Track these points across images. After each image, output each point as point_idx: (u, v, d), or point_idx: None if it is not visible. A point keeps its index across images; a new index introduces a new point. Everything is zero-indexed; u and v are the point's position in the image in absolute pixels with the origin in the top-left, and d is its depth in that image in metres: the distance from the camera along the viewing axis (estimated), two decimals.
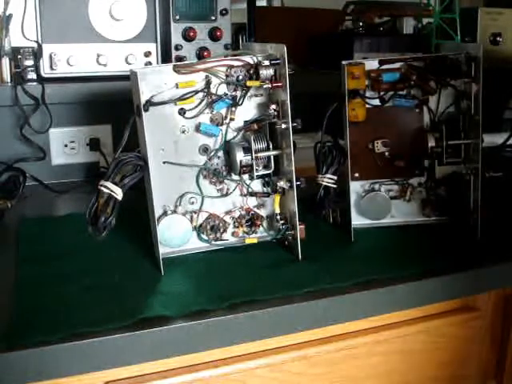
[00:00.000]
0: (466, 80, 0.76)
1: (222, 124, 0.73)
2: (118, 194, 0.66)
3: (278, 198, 0.74)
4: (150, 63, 1.08)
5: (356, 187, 0.82)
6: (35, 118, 1.03)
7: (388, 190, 0.82)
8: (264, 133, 0.73)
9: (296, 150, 0.71)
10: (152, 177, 0.67)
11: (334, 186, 0.82)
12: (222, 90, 0.72)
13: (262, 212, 0.77)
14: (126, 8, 1.04)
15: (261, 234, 0.77)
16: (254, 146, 0.71)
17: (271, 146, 0.72)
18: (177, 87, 0.69)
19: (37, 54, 1.01)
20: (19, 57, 1.02)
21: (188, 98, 0.70)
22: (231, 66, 0.71)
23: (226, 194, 0.75)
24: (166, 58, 1.09)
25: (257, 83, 0.70)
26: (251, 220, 0.76)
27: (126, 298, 0.63)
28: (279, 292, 0.64)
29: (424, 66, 0.77)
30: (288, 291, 0.64)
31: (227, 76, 0.71)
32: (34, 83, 1.02)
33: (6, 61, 1.04)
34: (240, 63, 0.71)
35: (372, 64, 0.78)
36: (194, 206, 0.74)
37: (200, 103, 0.71)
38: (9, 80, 1.04)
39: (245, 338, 0.62)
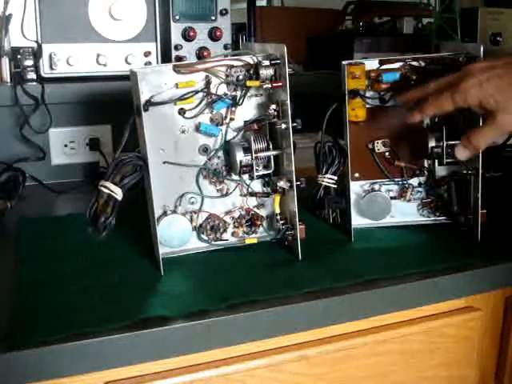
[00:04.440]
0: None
1: (221, 124, 0.73)
2: (118, 194, 0.66)
3: (277, 198, 0.74)
4: (149, 63, 1.08)
5: (356, 187, 0.82)
6: (35, 118, 1.03)
7: (388, 190, 0.82)
8: (264, 133, 0.73)
9: (296, 149, 0.71)
10: (152, 177, 0.67)
11: (334, 186, 0.82)
12: (222, 90, 0.72)
13: (262, 212, 0.77)
14: (125, 8, 1.04)
15: (261, 234, 0.77)
16: (253, 146, 0.71)
17: (271, 146, 0.72)
18: (177, 87, 0.69)
19: (36, 54, 1.01)
20: (19, 57, 1.02)
21: (188, 98, 0.70)
22: (231, 66, 0.71)
23: (226, 194, 0.75)
24: (165, 57, 1.09)
25: (257, 83, 0.70)
26: (251, 220, 0.76)
27: (126, 297, 0.63)
28: (279, 292, 0.64)
29: (424, 65, 0.77)
30: (288, 291, 0.64)
31: (227, 76, 0.71)
32: (34, 83, 1.02)
33: (5, 61, 1.04)
34: (240, 63, 0.71)
35: (372, 64, 0.78)
36: (194, 205, 0.74)
37: (200, 103, 0.71)
38: (9, 80, 1.04)
39: (245, 338, 0.62)
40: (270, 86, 0.70)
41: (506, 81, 0.65)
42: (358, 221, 0.82)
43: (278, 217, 0.74)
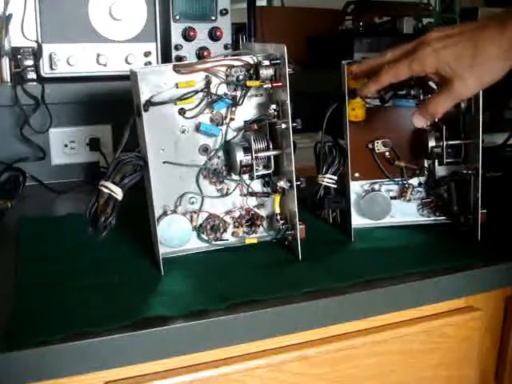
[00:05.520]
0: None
1: (222, 124, 0.73)
2: (118, 193, 0.66)
3: (278, 198, 0.74)
4: (149, 63, 1.08)
5: (356, 187, 0.82)
6: (35, 118, 1.03)
7: (388, 190, 0.82)
8: (264, 133, 0.73)
9: (296, 149, 0.71)
10: (152, 177, 0.67)
11: (334, 185, 0.82)
12: (222, 89, 0.72)
13: (262, 212, 0.77)
14: (125, 8, 1.04)
15: (261, 234, 0.77)
16: (254, 146, 0.71)
17: (271, 146, 0.72)
18: (177, 87, 0.69)
19: (37, 54, 1.01)
20: (19, 57, 1.02)
21: (188, 97, 0.70)
22: (231, 66, 0.71)
23: (226, 194, 0.75)
24: (165, 57, 1.09)
25: (257, 83, 0.70)
26: (251, 220, 0.76)
27: (126, 297, 0.63)
28: (279, 292, 0.64)
29: None
30: (288, 291, 0.64)
31: (227, 76, 0.71)
32: (34, 83, 1.02)
33: (5, 61, 1.04)
34: (240, 63, 0.71)
35: None
36: (194, 205, 0.74)
37: (200, 103, 0.71)
38: (9, 80, 1.04)
39: (245, 338, 0.62)
40: (270, 85, 0.70)
41: (461, 48, 0.65)
42: (358, 221, 0.82)
43: (278, 217, 0.74)
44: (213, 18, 1.10)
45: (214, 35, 1.09)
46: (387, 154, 0.81)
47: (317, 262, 0.72)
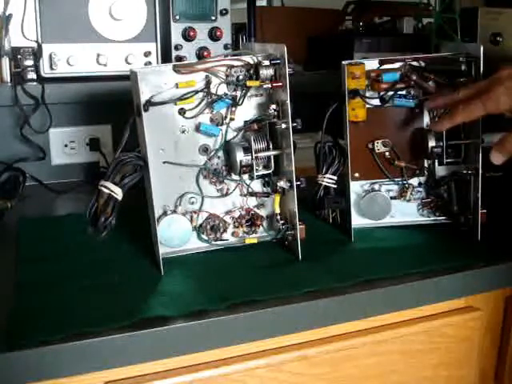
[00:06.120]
0: (466, 80, 0.76)
1: (222, 124, 0.73)
2: (118, 194, 0.66)
3: (278, 198, 0.74)
4: (149, 63, 1.07)
5: (356, 187, 0.82)
6: (35, 118, 1.03)
7: (388, 190, 0.82)
8: (264, 133, 0.73)
9: (296, 149, 0.71)
10: (152, 177, 0.67)
11: (334, 185, 0.82)
12: (222, 89, 0.72)
13: (262, 212, 0.77)
14: (125, 8, 1.04)
15: (261, 234, 0.77)
16: (254, 146, 0.71)
17: (271, 146, 0.72)
18: (177, 87, 0.69)
19: (37, 54, 1.01)
20: (19, 57, 1.02)
21: (188, 97, 0.70)
22: (231, 66, 0.71)
23: (226, 194, 0.75)
24: (165, 57, 1.09)
25: (257, 83, 0.70)
26: (251, 220, 0.76)
27: (126, 298, 0.63)
28: (279, 292, 0.64)
29: (424, 65, 0.77)
30: (288, 291, 0.64)
31: (227, 76, 0.71)
32: (34, 83, 1.02)
33: (5, 61, 1.04)
34: (240, 63, 0.71)
35: (372, 64, 0.78)
36: (194, 205, 0.74)
37: (200, 103, 0.71)
38: (9, 80, 1.04)
39: (245, 338, 0.62)
40: (270, 85, 0.70)
41: None
42: (357, 221, 0.82)
43: (278, 217, 0.74)
44: (213, 17, 1.10)
45: (213, 35, 1.09)
46: (387, 153, 0.81)
47: (317, 262, 0.72)
